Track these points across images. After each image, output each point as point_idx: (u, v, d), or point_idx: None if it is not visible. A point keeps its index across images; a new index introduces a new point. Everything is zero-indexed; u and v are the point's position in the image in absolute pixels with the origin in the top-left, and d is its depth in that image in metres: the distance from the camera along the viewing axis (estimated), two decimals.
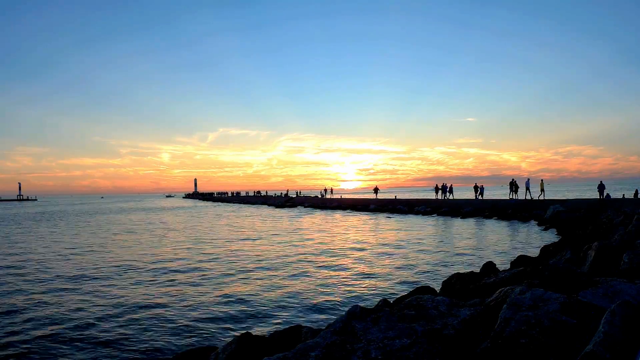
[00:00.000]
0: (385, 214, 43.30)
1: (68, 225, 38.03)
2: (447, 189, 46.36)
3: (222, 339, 7.82)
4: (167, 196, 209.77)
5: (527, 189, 37.34)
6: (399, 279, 12.73)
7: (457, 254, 17.09)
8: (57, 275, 14.45)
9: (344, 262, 15.99)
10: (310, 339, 4.87)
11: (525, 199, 36.89)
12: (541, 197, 36.47)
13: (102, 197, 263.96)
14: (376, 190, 59.00)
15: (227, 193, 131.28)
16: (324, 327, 5.45)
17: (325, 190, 75.92)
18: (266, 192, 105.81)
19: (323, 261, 16.37)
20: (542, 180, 37.31)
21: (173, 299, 11.05)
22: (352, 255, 17.62)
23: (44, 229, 35.09)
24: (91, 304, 10.64)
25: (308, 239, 23.75)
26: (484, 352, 3.82)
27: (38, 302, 10.90)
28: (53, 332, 8.61)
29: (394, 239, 22.74)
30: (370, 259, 16.54)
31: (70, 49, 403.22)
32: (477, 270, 10.64)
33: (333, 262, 16.05)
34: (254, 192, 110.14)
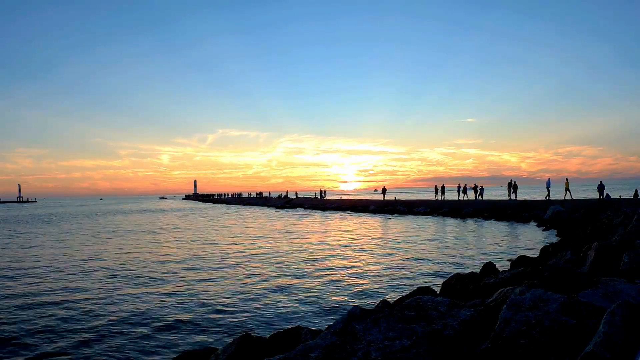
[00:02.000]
0: (385, 215, 43.31)
1: (71, 227, 38.05)
2: (462, 189, 44.97)
3: (222, 340, 7.81)
4: (160, 198, 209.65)
5: (548, 189, 37.09)
6: (398, 280, 12.72)
7: (457, 255, 17.08)
8: (60, 277, 14.45)
9: (344, 263, 15.98)
10: (310, 340, 4.86)
11: (545, 199, 36.48)
12: (567, 197, 35.23)
13: (101, 199, 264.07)
14: (384, 190, 57.96)
15: (227, 194, 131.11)
16: (323, 329, 5.45)
17: (321, 191, 76.01)
18: (269, 193, 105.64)
19: (323, 262, 16.36)
20: (567, 179, 36.51)
21: (172, 300, 11.04)
22: (352, 256, 17.61)
23: (52, 237, 35.04)
24: (90, 304, 10.63)
25: (308, 240, 23.75)
26: (484, 352, 3.81)
27: (42, 302, 10.90)
28: (51, 333, 8.60)
29: (394, 239, 22.73)
30: (370, 260, 16.53)
31: (70, 51, 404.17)
32: (477, 270, 10.64)
33: (333, 263, 16.04)
34: (256, 193, 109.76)
